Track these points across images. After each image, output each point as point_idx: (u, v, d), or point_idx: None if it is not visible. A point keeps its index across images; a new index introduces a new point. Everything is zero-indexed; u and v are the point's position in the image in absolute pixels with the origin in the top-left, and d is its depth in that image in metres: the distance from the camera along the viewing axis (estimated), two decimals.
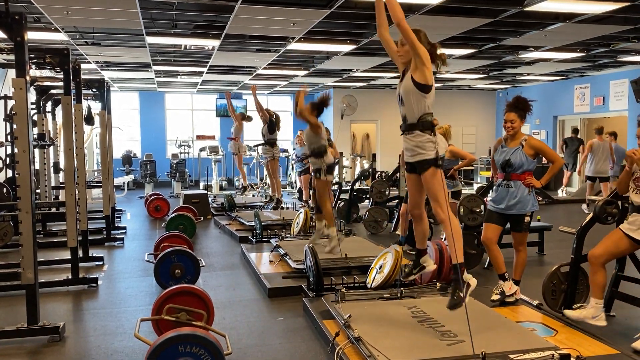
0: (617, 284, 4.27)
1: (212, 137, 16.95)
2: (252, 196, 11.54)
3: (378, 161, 16.40)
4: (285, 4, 6.39)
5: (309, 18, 6.99)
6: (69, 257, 5.36)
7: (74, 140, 5.61)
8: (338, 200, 9.46)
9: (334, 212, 9.01)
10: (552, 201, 11.73)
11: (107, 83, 8.65)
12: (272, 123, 9.03)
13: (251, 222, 7.95)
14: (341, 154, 12.31)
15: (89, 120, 8.22)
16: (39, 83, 7.95)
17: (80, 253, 5.88)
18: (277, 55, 9.82)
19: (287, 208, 9.82)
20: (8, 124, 7.33)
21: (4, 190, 7.69)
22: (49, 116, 9.40)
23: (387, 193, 8.54)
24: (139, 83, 14.87)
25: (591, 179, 10.38)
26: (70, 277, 5.31)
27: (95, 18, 7.03)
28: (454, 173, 6.28)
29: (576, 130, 12.59)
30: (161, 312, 3.57)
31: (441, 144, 3.63)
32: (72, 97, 5.67)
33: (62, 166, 7.22)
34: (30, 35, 3.94)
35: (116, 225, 8.60)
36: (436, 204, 3.56)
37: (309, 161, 6.38)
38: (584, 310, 3.83)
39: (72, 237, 5.25)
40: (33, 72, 8.01)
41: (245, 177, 11.56)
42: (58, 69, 5.34)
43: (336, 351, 3.44)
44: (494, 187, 4.56)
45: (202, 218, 8.96)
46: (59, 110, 9.16)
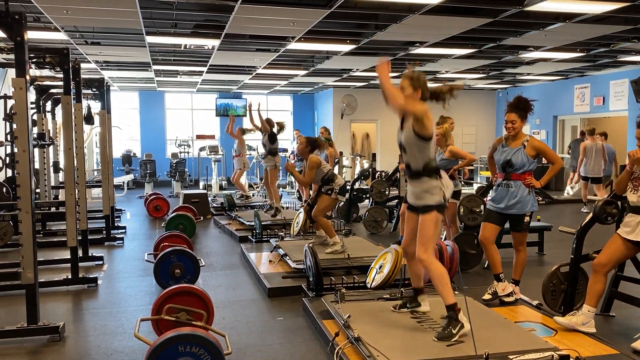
0: (617, 284, 4.28)
1: (212, 137, 16.94)
2: (252, 195, 11.54)
3: (378, 161, 16.37)
4: (285, 4, 6.39)
5: (309, 18, 6.99)
6: (69, 257, 5.36)
7: (74, 139, 5.61)
8: None
9: (334, 212, 9.06)
10: (552, 201, 11.76)
11: (107, 82, 8.65)
12: (274, 134, 9.07)
13: (251, 222, 7.95)
14: (341, 154, 12.30)
15: (89, 119, 8.21)
16: (39, 82, 7.95)
17: (80, 253, 5.89)
18: (277, 54, 9.82)
19: (287, 208, 9.82)
20: (8, 124, 7.33)
21: (4, 189, 7.69)
22: (49, 116, 9.40)
23: (387, 193, 8.54)
24: (139, 82, 14.86)
25: (585, 180, 10.45)
26: (70, 277, 5.31)
27: (95, 17, 7.03)
28: (454, 173, 6.28)
29: (583, 132, 12.63)
30: (161, 312, 3.57)
31: (449, 186, 3.60)
32: (72, 97, 5.67)
33: (62, 166, 7.22)
34: (30, 34, 3.94)
35: (116, 224, 8.60)
36: (422, 246, 3.54)
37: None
38: (574, 317, 3.78)
39: (72, 237, 5.25)
40: (33, 72, 8.00)
41: (245, 189, 11.55)
42: (58, 69, 5.33)
43: (336, 351, 3.45)
44: (494, 187, 4.56)
45: (202, 218, 8.96)
46: (59, 109, 9.15)
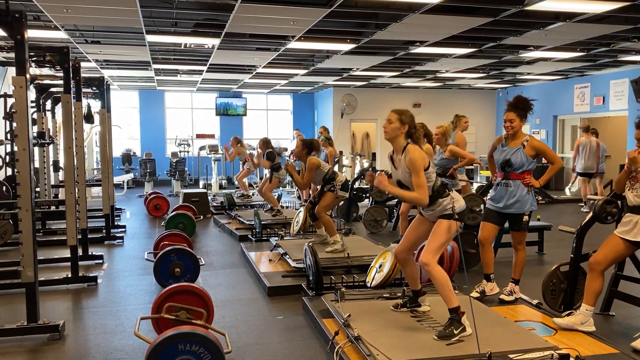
0: (617, 284, 4.28)
1: (212, 136, 16.93)
2: (252, 195, 11.54)
3: (378, 160, 16.38)
4: (285, 3, 6.38)
5: (309, 17, 6.99)
6: (69, 256, 5.36)
7: (74, 138, 5.61)
8: None
9: (334, 212, 9.06)
10: (552, 201, 11.77)
11: (107, 81, 8.65)
12: (270, 154, 9.08)
13: (251, 221, 7.95)
14: (341, 153, 12.32)
15: (89, 118, 8.21)
16: (39, 81, 7.94)
17: (79, 251, 5.89)
18: (277, 54, 9.81)
19: (287, 207, 9.82)
20: (8, 122, 7.33)
21: (4, 188, 7.69)
22: (49, 114, 9.40)
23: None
24: (139, 81, 14.86)
25: (582, 175, 10.63)
26: (70, 276, 5.31)
27: (95, 16, 7.02)
28: (454, 172, 6.29)
29: (594, 132, 12.62)
30: (161, 311, 3.57)
31: (460, 201, 3.63)
32: (72, 96, 5.67)
33: (62, 164, 7.21)
34: (30, 33, 3.94)
35: (116, 223, 8.60)
36: (429, 253, 3.51)
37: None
38: (573, 317, 3.79)
39: (72, 236, 5.25)
40: (33, 70, 8.00)
41: (246, 187, 11.55)
42: (58, 67, 5.33)
43: (335, 350, 3.45)
44: (493, 186, 4.57)
45: (202, 217, 8.96)
46: (59, 108, 9.16)
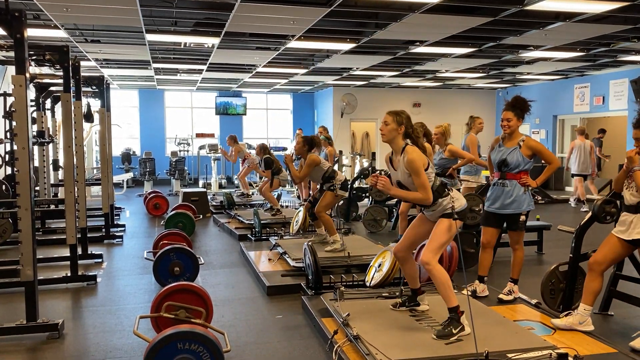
0: (616, 283, 4.28)
1: (212, 135, 16.93)
2: (252, 194, 11.54)
3: (377, 160, 16.38)
4: (285, 2, 6.37)
5: (309, 16, 6.99)
6: (68, 255, 5.36)
7: (74, 137, 5.61)
8: None
9: (334, 211, 9.06)
10: (552, 200, 11.78)
11: (107, 80, 8.65)
12: (268, 159, 9.07)
13: (250, 221, 7.95)
14: (341, 153, 12.32)
15: (89, 117, 8.21)
16: (39, 80, 7.95)
17: (79, 250, 5.89)
18: (277, 53, 9.81)
19: (286, 207, 9.82)
20: (7, 121, 7.33)
21: (3, 187, 7.69)
22: (49, 113, 9.40)
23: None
24: (139, 81, 14.85)
25: (579, 176, 10.85)
26: (69, 275, 5.32)
27: (95, 15, 7.02)
28: (453, 172, 6.29)
29: (603, 130, 12.63)
30: (160, 310, 3.57)
31: (460, 200, 3.65)
32: (72, 95, 5.67)
33: (62, 163, 7.22)
34: (29, 32, 3.94)
35: (115, 222, 8.61)
36: (430, 252, 3.52)
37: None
38: (571, 317, 3.79)
39: (71, 235, 5.25)
40: (33, 69, 8.01)
41: (247, 186, 11.55)
42: (58, 66, 5.32)
43: (335, 349, 3.45)
44: (490, 187, 4.58)
45: (201, 216, 8.96)
46: (59, 107, 9.16)
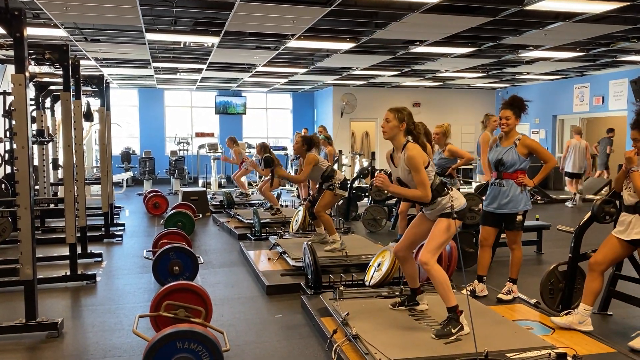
0: (615, 283, 4.29)
1: (211, 135, 16.94)
2: (251, 194, 11.55)
3: (377, 159, 16.39)
4: (285, 1, 6.37)
5: (309, 15, 6.99)
6: (68, 254, 5.36)
7: (73, 136, 5.61)
8: None
9: (334, 211, 9.06)
10: (551, 200, 11.79)
11: (107, 79, 8.65)
12: (268, 158, 9.01)
13: (250, 220, 7.95)
14: (340, 152, 12.33)
15: (88, 116, 8.21)
16: (38, 79, 7.95)
17: (78, 249, 5.89)
18: (277, 52, 9.81)
19: (286, 206, 9.82)
20: (7, 120, 7.34)
21: (3, 186, 7.70)
22: (48, 112, 9.40)
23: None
24: (138, 80, 14.85)
25: (569, 175, 11.24)
26: (68, 274, 5.31)
27: (94, 14, 7.02)
28: (452, 172, 6.30)
29: (611, 129, 12.67)
30: (159, 309, 3.57)
31: (460, 199, 3.63)
32: (72, 94, 5.66)
33: (61, 162, 7.22)
34: (29, 31, 3.94)
35: (115, 222, 8.61)
36: (428, 252, 3.51)
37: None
38: (571, 316, 3.80)
39: (71, 234, 5.25)
40: (32, 68, 8.00)
41: (245, 186, 11.55)
42: (57, 65, 5.32)
43: (334, 348, 3.45)
44: (489, 186, 4.59)
45: (201, 215, 8.96)
46: (58, 106, 9.16)
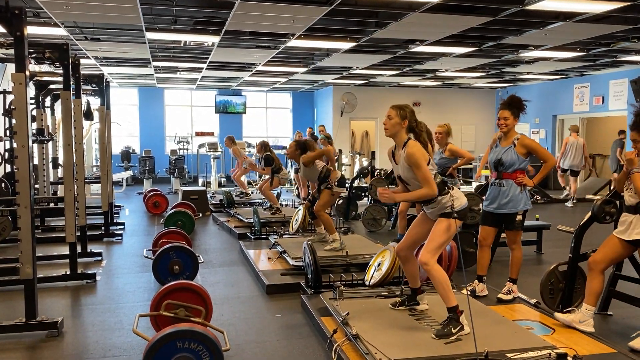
0: (615, 283, 4.29)
1: (211, 134, 16.94)
2: (251, 193, 11.54)
3: (377, 159, 16.39)
4: (285, 1, 6.37)
5: (309, 15, 6.98)
6: (68, 253, 5.36)
7: (73, 135, 5.61)
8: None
9: (334, 210, 9.07)
10: (551, 200, 11.79)
11: (107, 78, 8.64)
12: (268, 157, 9.01)
13: (250, 219, 7.95)
14: (340, 152, 12.33)
15: (88, 115, 8.21)
16: (38, 78, 7.93)
17: (78, 248, 5.89)
18: (277, 52, 9.81)
19: (286, 205, 9.82)
20: (7, 119, 7.34)
21: (3, 185, 7.70)
22: (48, 111, 9.39)
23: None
24: (138, 79, 14.84)
25: (564, 171, 11.59)
26: (68, 273, 5.31)
27: (94, 13, 7.01)
28: (453, 172, 6.30)
29: (622, 131, 12.65)
30: (159, 308, 3.57)
31: (461, 198, 3.61)
32: (72, 93, 5.66)
33: (61, 161, 7.22)
34: (29, 30, 3.94)
35: (115, 221, 8.61)
36: (428, 252, 3.49)
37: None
38: (573, 314, 3.81)
39: (71, 233, 5.25)
40: (32, 67, 8.00)
41: (244, 185, 11.54)
42: (57, 64, 5.31)
43: (334, 348, 3.45)
44: (489, 187, 4.59)
45: (201, 214, 8.96)
46: (58, 105, 9.15)
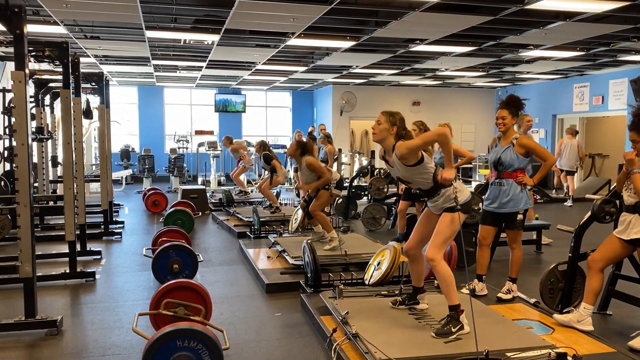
0: (614, 283, 4.29)
1: (211, 133, 16.92)
2: (251, 192, 11.53)
3: (377, 158, 16.37)
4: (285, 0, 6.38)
5: (309, 14, 6.98)
6: (67, 251, 5.35)
7: (73, 134, 5.61)
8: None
9: (333, 209, 9.06)
10: (550, 199, 11.80)
11: (106, 77, 8.63)
12: (267, 155, 8.98)
13: (249, 218, 7.95)
14: (340, 151, 12.31)
15: (88, 114, 8.20)
16: (38, 76, 7.92)
17: (78, 247, 5.88)
18: (277, 50, 9.80)
19: (286, 204, 9.81)
20: (6, 117, 7.33)
21: (2, 183, 7.69)
22: (48, 109, 9.37)
23: (386, 190, 8.55)
24: (138, 77, 14.83)
25: (562, 172, 11.84)
26: (68, 271, 5.31)
27: (94, 11, 7.00)
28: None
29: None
30: (159, 307, 3.57)
31: (464, 191, 3.69)
32: (71, 91, 5.66)
33: (61, 160, 7.21)
34: (29, 28, 3.93)
35: (114, 219, 8.60)
36: (435, 247, 3.50)
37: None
38: (571, 314, 3.82)
39: (70, 231, 5.24)
40: (32, 65, 7.98)
41: (243, 185, 11.53)
42: (57, 62, 5.31)
43: (333, 347, 3.45)
44: (489, 186, 4.60)
45: (200, 213, 8.96)
46: (58, 103, 9.13)
